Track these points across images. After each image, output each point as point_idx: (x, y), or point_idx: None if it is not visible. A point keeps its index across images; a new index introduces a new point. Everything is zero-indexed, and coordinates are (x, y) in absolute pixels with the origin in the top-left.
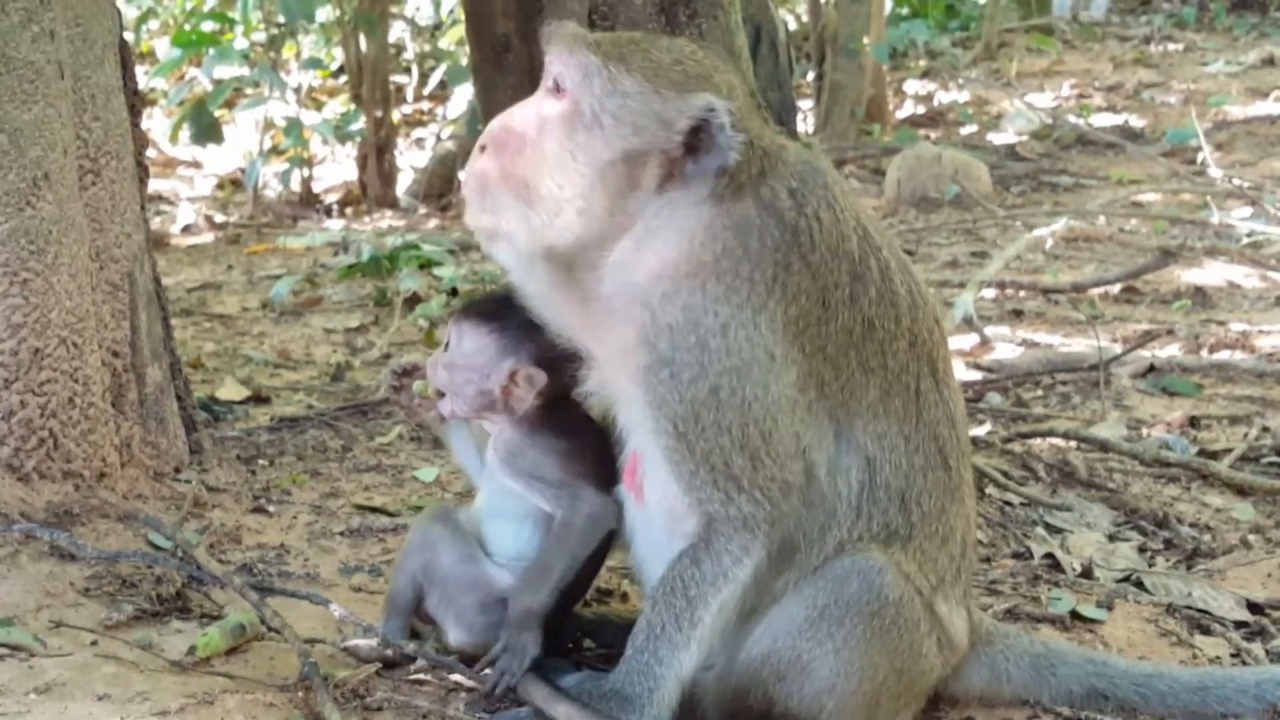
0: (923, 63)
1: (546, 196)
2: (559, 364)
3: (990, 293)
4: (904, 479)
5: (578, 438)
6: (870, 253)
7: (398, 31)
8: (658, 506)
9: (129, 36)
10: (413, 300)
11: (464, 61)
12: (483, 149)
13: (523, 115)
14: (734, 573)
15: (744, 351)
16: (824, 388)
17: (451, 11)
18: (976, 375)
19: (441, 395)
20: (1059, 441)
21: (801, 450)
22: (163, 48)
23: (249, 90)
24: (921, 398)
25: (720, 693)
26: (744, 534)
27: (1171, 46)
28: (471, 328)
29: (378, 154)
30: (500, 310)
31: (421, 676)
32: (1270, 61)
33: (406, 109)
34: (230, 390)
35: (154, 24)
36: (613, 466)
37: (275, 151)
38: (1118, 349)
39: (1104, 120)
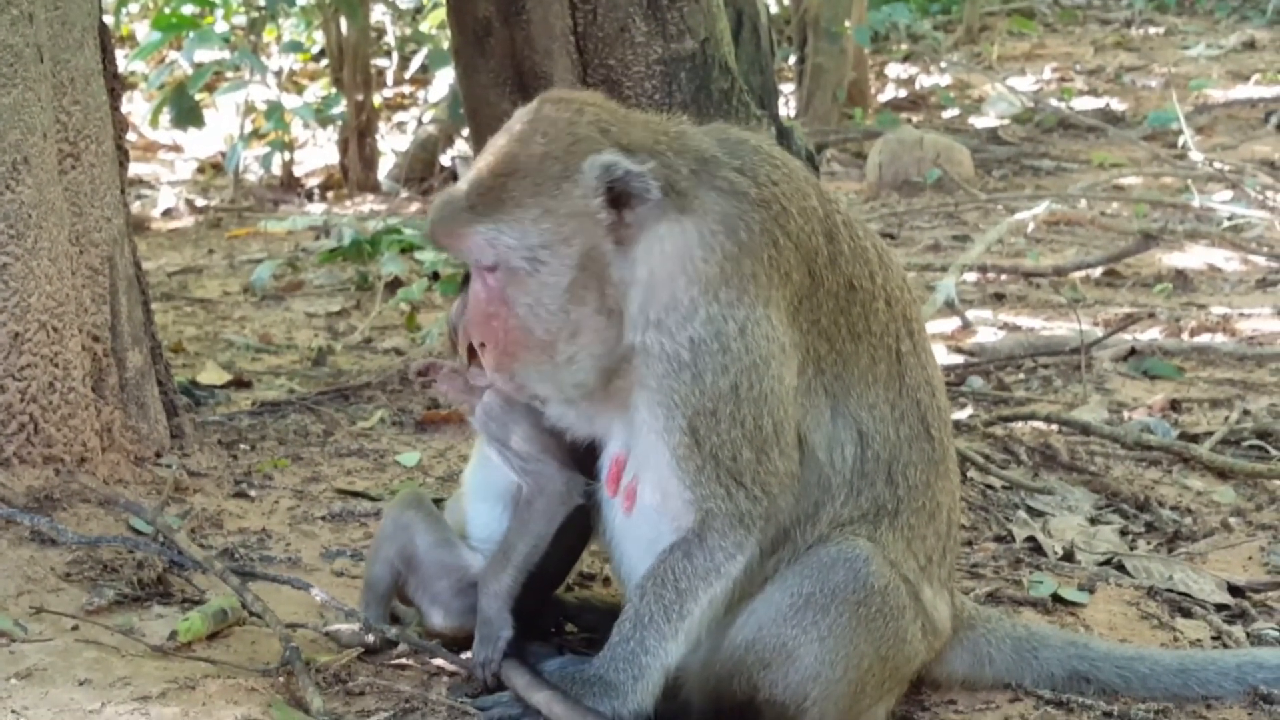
0: (904, 46)
1: (549, 351)
2: None
3: (972, 276)
4: (891, 450)
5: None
6: (833, 211)
7: (378, 15)
8: (651, 508)
9: (109, 20)
10: (394, 284)
11: (445, 45)
12: (471, 352)
13: (483, 305)
14: (726, 568)
15: (762, 348)
16: (820, 363)
17: None
18: (958, 359)
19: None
20: (1040, 425)
21: (800, 437)
22: (143, 31)
23: (229, 74)
24: (903, 360)
25: (704, 679)
26: (739, 530)
27: (1152, 30)
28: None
29: (359, 138)
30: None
31: (403, 661)
32: (1251, 45)
33: (388, 93)
34: (211, 375)
35: (134, 7)
36: (584, 452)
37: (256, 135)
38: (1099, 332)
39: (1085, 104)
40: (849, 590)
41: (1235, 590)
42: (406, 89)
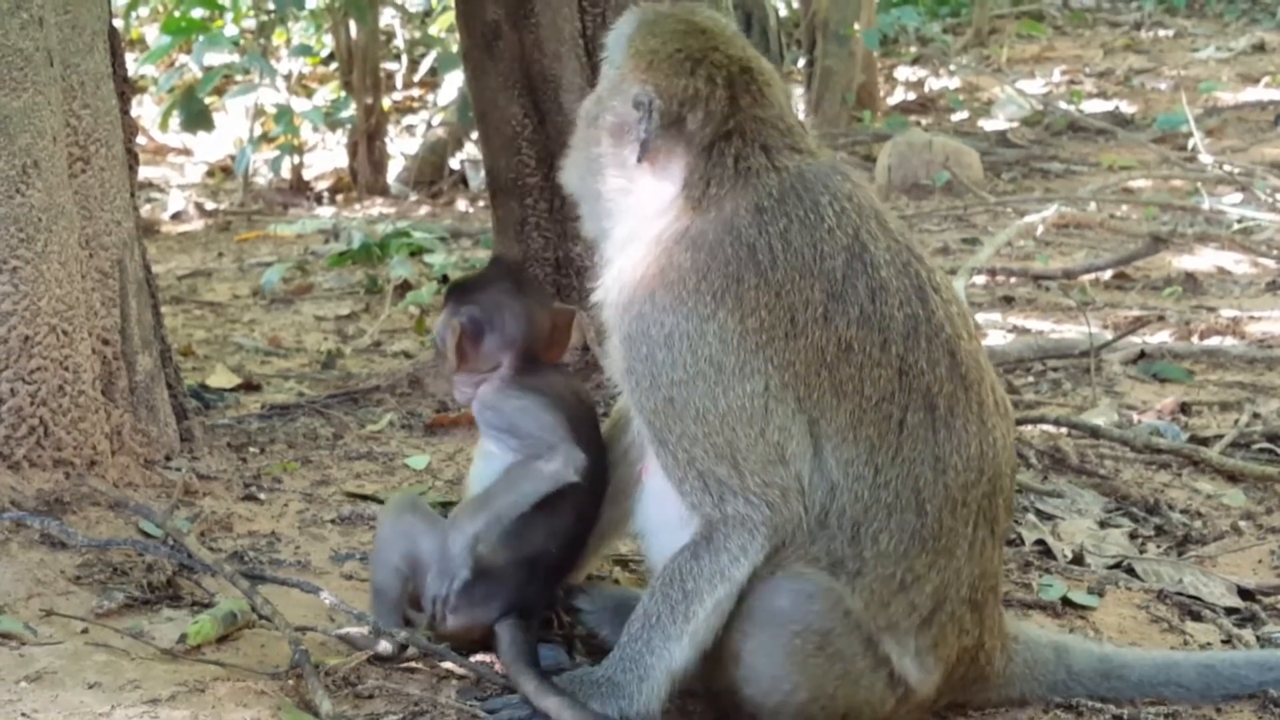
0: (913, 49)
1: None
2: (505, 322)
3: (981, 279)
4: (863, 511)
5: (548, 397)
6: (861, 274)
7: (388, 18)
8: (661, 491)
9: (118, 23)
10: (404, 287)
11: (454, 48)
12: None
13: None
14: (731, 571)
15: (689, 364)
16: (801, 403)
17: None
18: None
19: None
20: (1050, 428)
21: (785, 458)
22: (152, 34)
23: (239, 77)
24: (905, 432)
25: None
26: (742, 534)
27: (1162, 32)
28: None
29: (368, 141)
30: (456, 285)
31: (413, 664)
32: (1260, 47)
33: (397, 96)
34: (221, 378)
35: (143, 11)
36: (587, 431)
37: (265, 139)
38: (1108, 335)
39: (1095, 106)
40: (787, 619)
41: (1245, 593)
42: (416, 92)
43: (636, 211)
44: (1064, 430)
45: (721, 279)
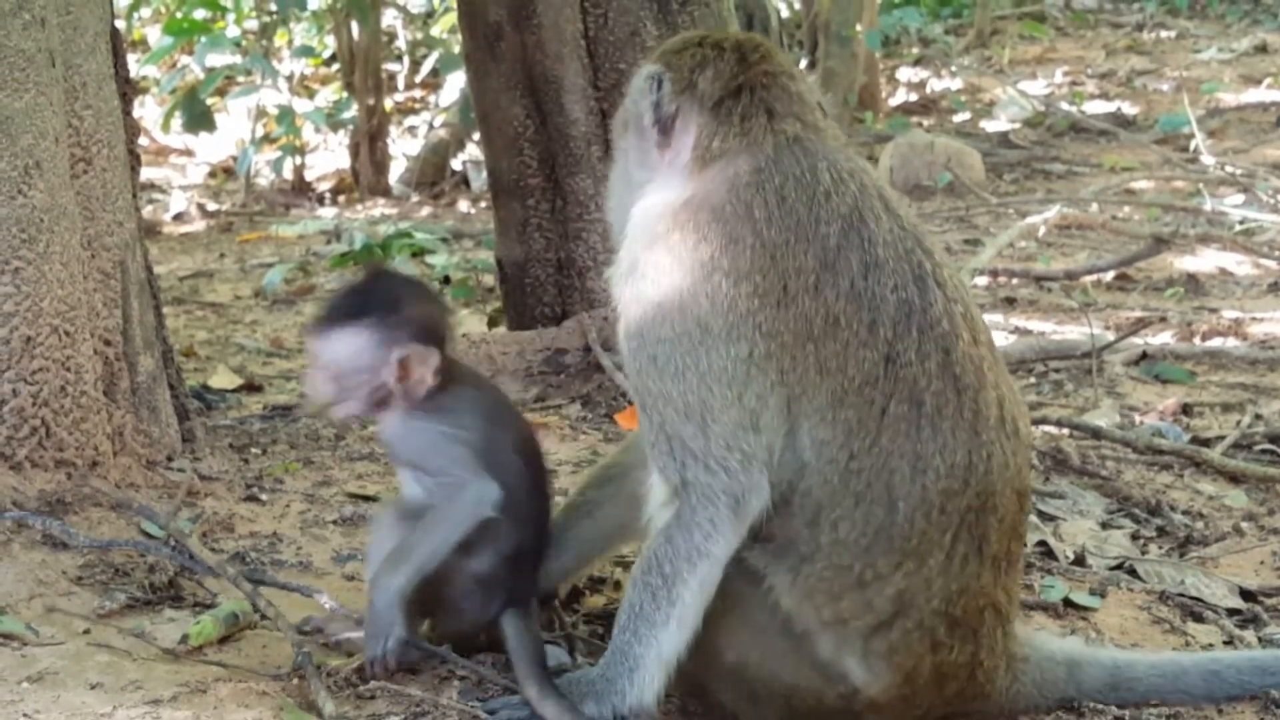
0: (915, 50)
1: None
2: (441, 335)
3: (983, 280)
4: (829, 495)
5: (461, 419)
6: (856, 246)
7: (390, 19)
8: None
9: (120, 24)
10: None
11: (456, 49)
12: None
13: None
14: (706, 548)
15: (676, 323)
16: (783, 375)
17: None
18: None
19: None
20: (1052, 429)
21: (759, 426)
22: (154, 35)
23: (241, 78)
24: (886, 421)
25: None
26: (708, 506)
27: (1164, 33)
28: (342, 332)
29: (370, 142)
30: (364, 304)
31: (414, 665)
32: (1262, 48)
33: (399, 97)
34: (223, 379)
35: (145, 12)
36: (504, 453)
37: (267, 139)
38: (1110, 336)
39: (1097, 107)
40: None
41: (1247, 595)
42: (418, 93)
43: (654, 186)
44: (1066, 431)
45: (720, 239)
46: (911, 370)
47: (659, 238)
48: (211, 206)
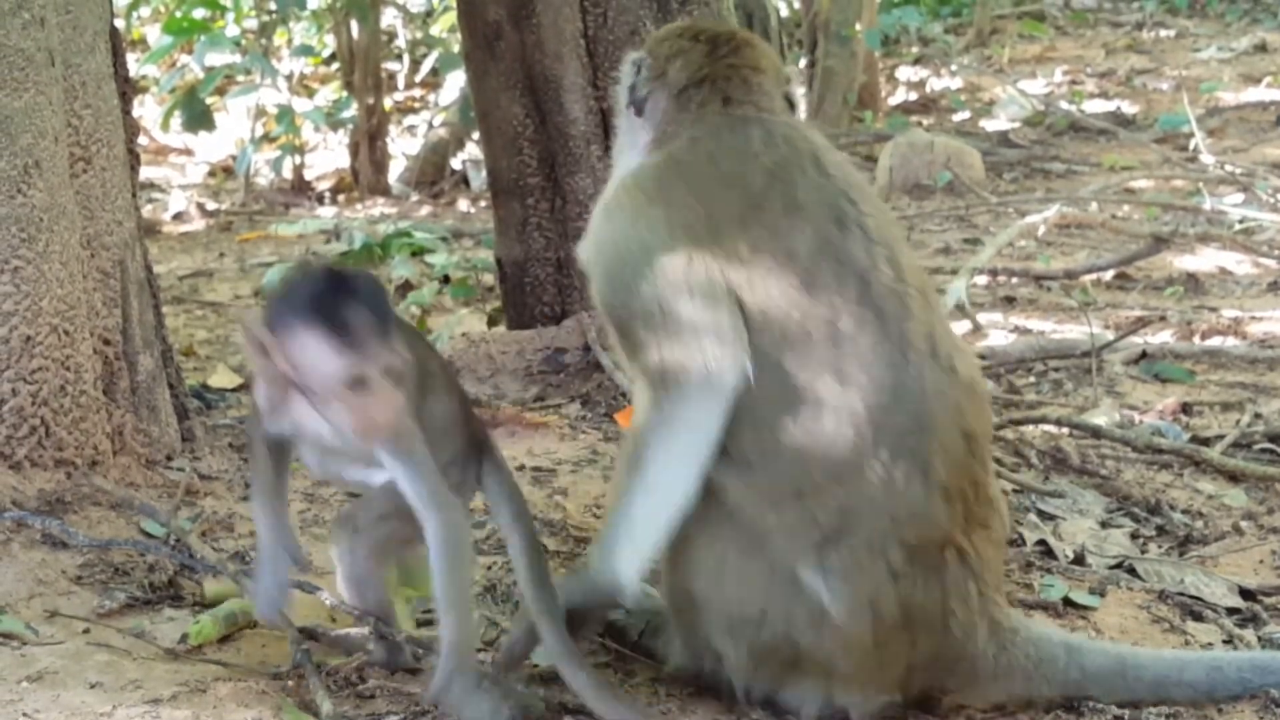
0: (915, 49)
1: None
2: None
3: (983, 279)
4: (767, 403)
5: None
6: (780, 195)
7: (389, 18)
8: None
9: (120, 23)
10: (405, 288)
11: (456, 48)
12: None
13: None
14: (671, 413)
15: (620, 245)
16: (723, 275)
17: None
18: None
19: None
20: (1051, 428)
21: (718, 318)
22: (154, 35)
23: (240, 78)
24: (811, 338)
25: None
26: (677, 385)
27: (1164, 32)
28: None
29: (370, 141)
30: (358, 306)
31: (415, 664)
32: (1262, 47)
33: (398, 96)
34: (222, 378)
35: (145, 11)
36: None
37: (267, 139)
38: (1110, 335)
39: (1096, 107)
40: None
41: (1247, 594)
42: (417, 92)
43: (624, 161)
44: (1065, 430)
45: (655, 185)
46: (829, 294)
47: (610, 202)
48: (211, 206)
